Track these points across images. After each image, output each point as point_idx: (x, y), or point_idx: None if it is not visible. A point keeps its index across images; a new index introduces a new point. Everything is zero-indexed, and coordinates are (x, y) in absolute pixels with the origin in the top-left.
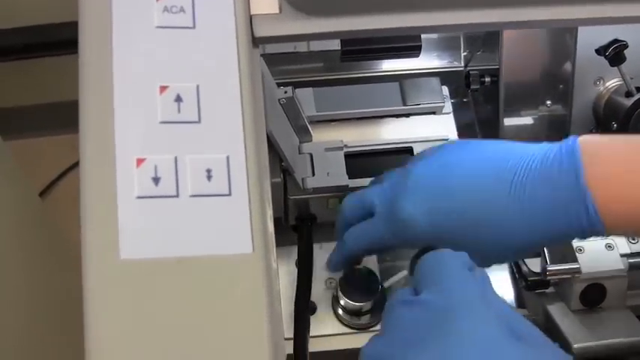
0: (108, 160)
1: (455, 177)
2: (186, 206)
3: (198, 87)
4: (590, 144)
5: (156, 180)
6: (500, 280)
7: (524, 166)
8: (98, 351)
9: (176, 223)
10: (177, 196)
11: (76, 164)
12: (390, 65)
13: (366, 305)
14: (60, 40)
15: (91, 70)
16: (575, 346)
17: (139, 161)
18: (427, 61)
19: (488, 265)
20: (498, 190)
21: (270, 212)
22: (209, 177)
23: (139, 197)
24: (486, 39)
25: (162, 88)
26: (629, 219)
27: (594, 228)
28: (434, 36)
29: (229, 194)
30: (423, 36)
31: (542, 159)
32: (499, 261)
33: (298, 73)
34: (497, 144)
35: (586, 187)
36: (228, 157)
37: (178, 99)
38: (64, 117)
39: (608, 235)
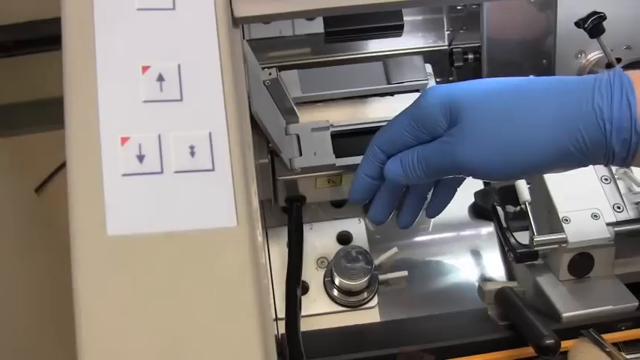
0: (93, 139)
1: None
2: (171, 182)
3: (179, 66)
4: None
5: (140, 158)
6: (491, 257)
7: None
8: (89, 326)
9: (161, 199)
10: (161, 172)
11: None
12: (375, 46)
13: (360, 284)
14: (51, 36)
15: (74, 53)
16: (565, 315)
17: (124, 140)
18: (412, 41)
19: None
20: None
21: (254, 187)
22: (192, 153)
23: (125, 175)
24: (469, 17)
25: (145, 68)
26: None
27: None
28: (418, 17)
29: (213, 169)
30: (407, 17)
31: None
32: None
33: (284, 58)
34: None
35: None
36: (210, 134)
37: (160, 78)
38: (58, 113)
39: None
